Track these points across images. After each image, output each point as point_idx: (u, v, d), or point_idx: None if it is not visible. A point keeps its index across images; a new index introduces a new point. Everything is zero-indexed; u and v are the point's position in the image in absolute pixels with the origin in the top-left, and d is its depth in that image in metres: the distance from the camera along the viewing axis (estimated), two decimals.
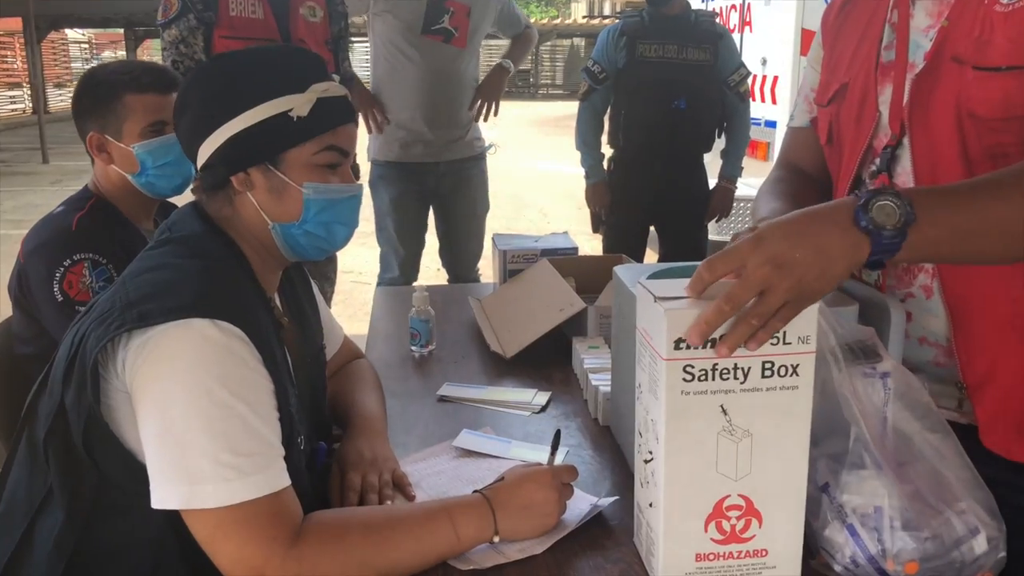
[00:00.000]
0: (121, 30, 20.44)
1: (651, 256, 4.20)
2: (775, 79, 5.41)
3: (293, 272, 1.39)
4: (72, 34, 23.72)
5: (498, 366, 1.81)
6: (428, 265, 3.85)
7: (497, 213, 4.14)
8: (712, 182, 3.72)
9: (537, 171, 10.84)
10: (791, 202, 1.30)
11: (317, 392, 1.37)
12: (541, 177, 10.43)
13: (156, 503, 1.01)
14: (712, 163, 3.73)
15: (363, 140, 3.07)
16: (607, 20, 20.17)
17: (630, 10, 3.58)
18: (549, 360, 1.80)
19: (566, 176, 9.42)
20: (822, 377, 0.98)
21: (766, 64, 5.50)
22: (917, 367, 1.16)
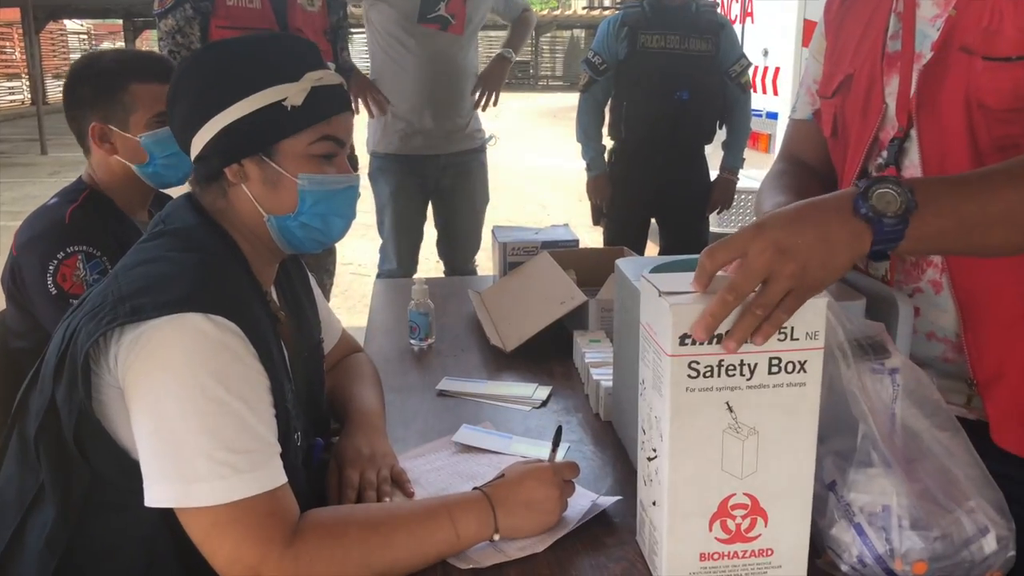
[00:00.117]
0: (120, 21, 20.37)
1: (652, 249, 4.18)
2: (776, 70, 5.38)
3: (290, 265, 1.37)
4: (71, 25, 23.64)
5: (498, 360, 1.79)
6: (427, 257, 3.83)
7: (497, 205, 4.11)
8: (713, 174, 3.71)
9: (537, 163, 10.82)
10: (795, 195, 1.28)
11: (315, 387, 1.35)
12: (541, 169, 10.41)
13: (150, 501, 0.99)
14: (712, 155, 3.72)
15: (361, 132, 3.07)
16: (607, 11, 20.09)
17: (631, 0, 3.55)
18: (550, 354, 1.79)
19: (566, 168, 9.40)
20: (829, 373, 0.96)
21: (767, 55, 5.47)
22: (925, 363, 1.14)
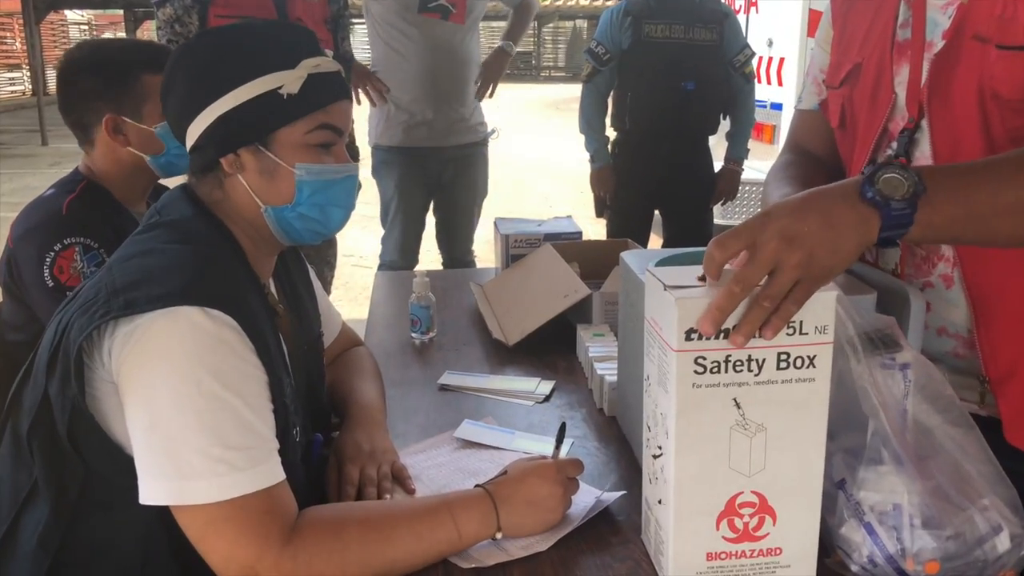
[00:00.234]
0: (120, 11, 20.30)
1: (655, 241, 4.15)
2: (781, 61, 5.34)
3: (289, 257, 1.35)
4: (71, 15, 23.57)
5: (500, 354, 1.77)
6: (428, 249, 3.81)
7: (499, 197, 4.09)
8: (717, 165, 3.68)
9: (539, 155, 10.78)
10: (801, 186, 1.26)
11: (314, 381, 1.33)
12: (543, 161, 10.37)
13: (144, 499, 0.97)
14: (716, 146, 3.69)
15: (361, 124, 3.04)
16: (610, 1, 20.02)
17: None
18: (553, 348, 1.76)
19: (569, 160, 9.37)
20: (839, 368, 0.94)
21: (772, 45, 5.43)
22: (935, 358, 1.12)
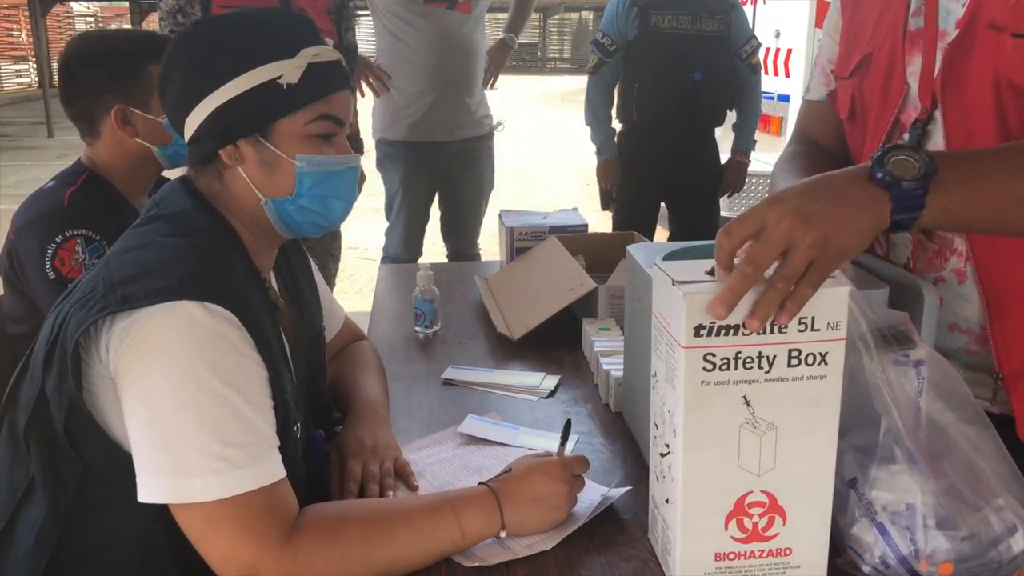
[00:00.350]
0: (126, 3, 20.26)
1: (661, 234, 4.12)
2: (788, 52, 5.30)
3: (290, 250, 1.33)
4: (77, 7, 23.56)
5: (505, 348, 1.75)
6: (434, 242, 3.79)
7: (504, 190, 4.07)
8: (723, 157, 3.65)
9: (545, 147, 10.75)
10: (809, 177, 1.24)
11: (316, 377, 1.32)
12: (549, 153, 10.34)
13: (143, 496, 0.96)
14: (723, 138, 3.67)
15: (365, 118, 3.02)
16: None
17: None
18: (558, 342, 1.75)
19: (574, 152, 9.33)
20: (851, 365, 0.92)
21: (779, 36, 5.39)
22: (947, 354, 1.09)
